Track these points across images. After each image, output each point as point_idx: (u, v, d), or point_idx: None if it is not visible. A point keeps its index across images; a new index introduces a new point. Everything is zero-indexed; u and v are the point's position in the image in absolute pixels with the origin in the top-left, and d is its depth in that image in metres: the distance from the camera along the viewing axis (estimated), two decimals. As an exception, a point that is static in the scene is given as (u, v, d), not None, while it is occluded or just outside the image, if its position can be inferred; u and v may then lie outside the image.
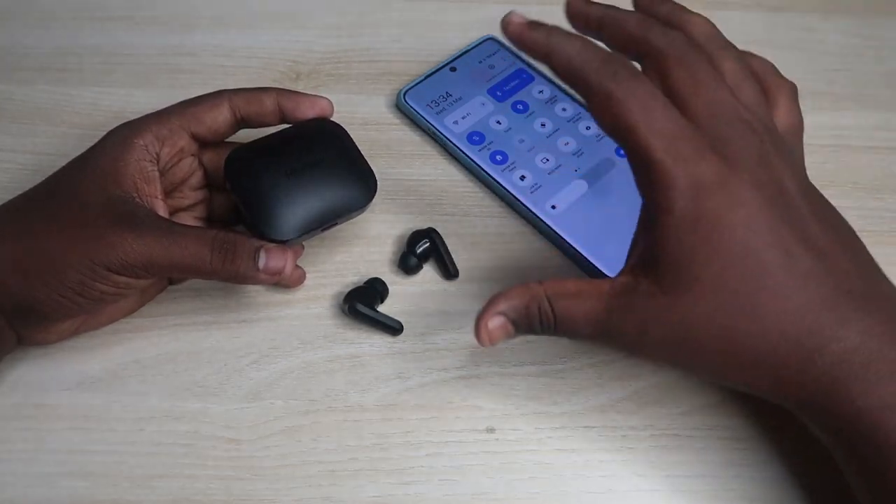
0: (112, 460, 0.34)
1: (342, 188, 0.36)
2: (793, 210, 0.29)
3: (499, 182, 0.42)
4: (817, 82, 0.49)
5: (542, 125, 0.45)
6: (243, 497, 0.34)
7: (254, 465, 0.34)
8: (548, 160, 0.43)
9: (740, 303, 0.28)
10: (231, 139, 0.38)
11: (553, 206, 0.41)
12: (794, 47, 0.51)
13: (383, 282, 0.39)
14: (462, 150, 0.43)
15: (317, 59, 0.48)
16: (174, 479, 0.34)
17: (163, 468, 0.34)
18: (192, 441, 0.35)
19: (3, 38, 0.48)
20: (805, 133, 0.45)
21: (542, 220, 0.41)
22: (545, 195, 0.42)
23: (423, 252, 0.40)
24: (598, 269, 0.39)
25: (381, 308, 0.39)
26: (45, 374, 0.36)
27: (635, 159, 0.29)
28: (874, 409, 0.28)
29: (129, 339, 0.37)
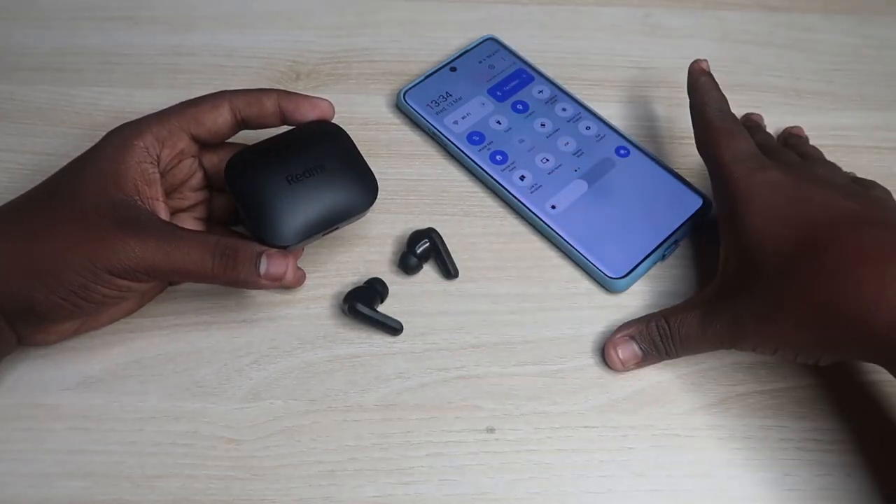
0: (112, 460, 0.34)
1: (343, 193, 0.36)
2: (858, 194, 0.35)
3: (499, 182, 0.42)
4: (817, 82, 0.49)
5: (542, 125, 0.45)
6: (243, 497, 0.34)
7: (253, 466, 0.34)
8: (548, 160, 0.43)
9: (838, 275, 0.31)
10: (231, 140, 0.38)
11: (553, 206, 0.41)
12: (794, 47, 0.51)
13: (383, 282, 0.39)
14: (462, 150, 0.43)
15: (317, 59, 0.48)
16: (174, 479, 0.34)
17: (163, 468, 0.34)
18: (192, 441, 0.35)
19: (2, 38, 0.48)
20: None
21: (541, 219, 0.41)
22: (545, 195, 0.42)
23: (423, 252, 0.40)
24: (598, 269, 0.39)
25: (381, 308, 0.39)
26: (45, 374, 0.36)
27: (716, 173, 0.37)
28: None
29: (129, 339, 0.37)
